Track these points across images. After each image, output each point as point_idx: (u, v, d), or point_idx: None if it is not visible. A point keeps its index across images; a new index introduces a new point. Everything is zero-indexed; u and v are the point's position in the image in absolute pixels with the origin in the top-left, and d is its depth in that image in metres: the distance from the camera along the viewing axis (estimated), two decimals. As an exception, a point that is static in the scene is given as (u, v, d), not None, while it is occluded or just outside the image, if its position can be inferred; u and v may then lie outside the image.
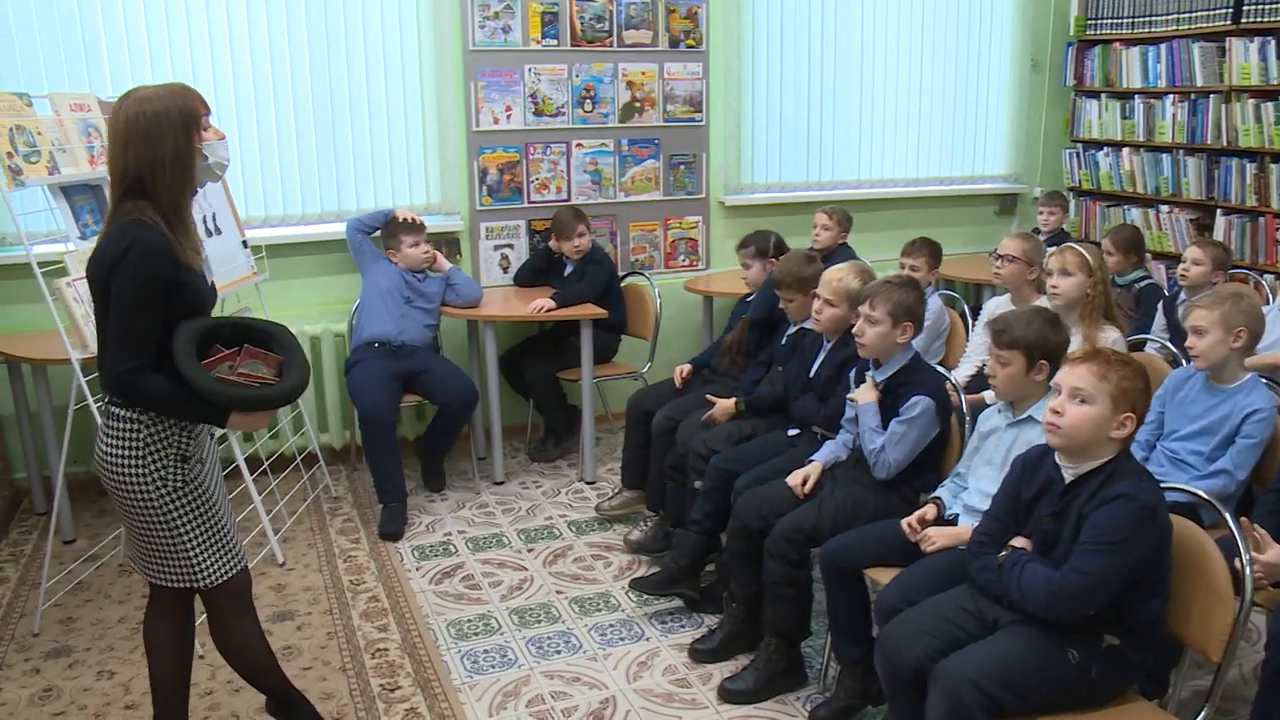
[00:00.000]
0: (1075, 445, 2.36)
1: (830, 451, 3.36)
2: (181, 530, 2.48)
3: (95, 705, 3.14)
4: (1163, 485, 2.59)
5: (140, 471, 2.40)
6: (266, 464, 4.67)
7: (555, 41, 5.23)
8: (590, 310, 4.77)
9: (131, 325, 2.30)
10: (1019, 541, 2.43)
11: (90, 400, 3.40)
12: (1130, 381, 2.32)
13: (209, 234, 4.13)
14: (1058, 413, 2.36)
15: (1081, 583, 2.23)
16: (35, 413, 4.35)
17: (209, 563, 2.54)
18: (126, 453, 2.39)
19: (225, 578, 2.57)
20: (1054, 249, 3.89)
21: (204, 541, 2.52)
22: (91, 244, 3.45)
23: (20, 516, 4.55)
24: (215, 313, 2.57)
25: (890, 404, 3.16)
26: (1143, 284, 4.78)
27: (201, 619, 2.75)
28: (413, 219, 4.80)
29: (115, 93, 4.36)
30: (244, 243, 4.41)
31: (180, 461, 2.45)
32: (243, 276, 4.31)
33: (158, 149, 2.32)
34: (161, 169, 2.33)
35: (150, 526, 2.47)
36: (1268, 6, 5.19)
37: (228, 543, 2.59)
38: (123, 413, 2.39)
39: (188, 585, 2.56)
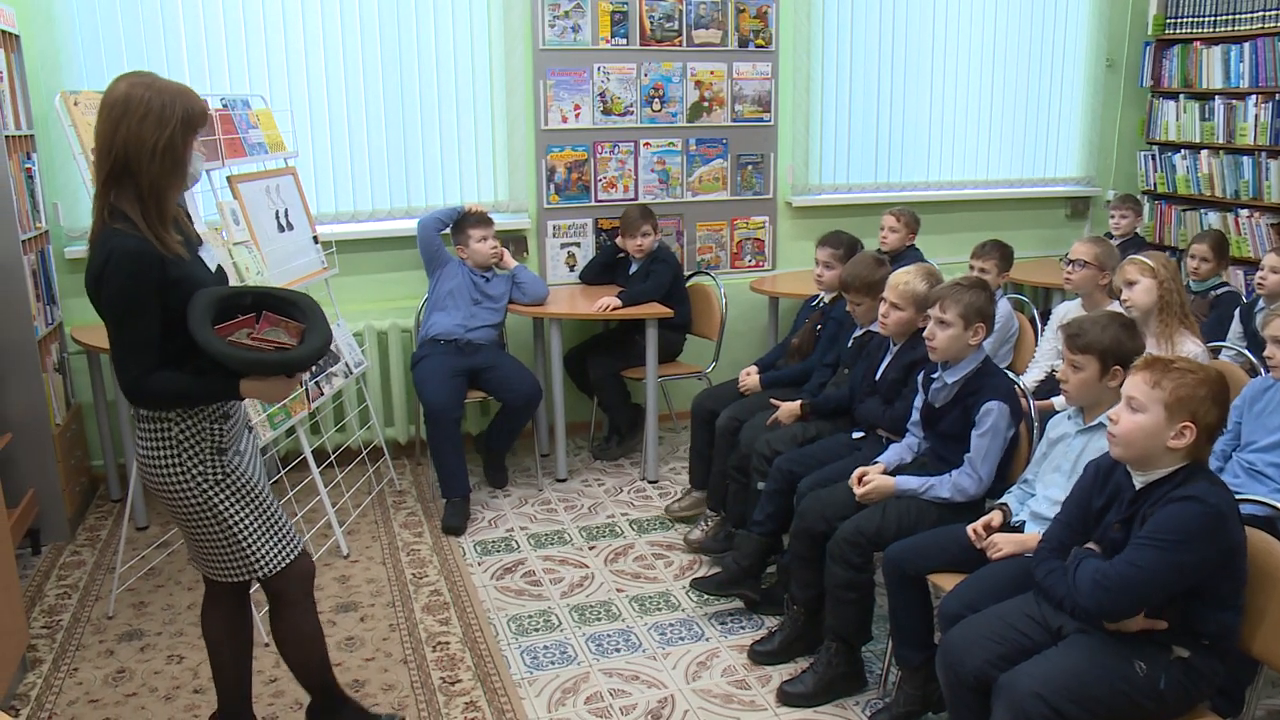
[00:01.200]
0: (1132, 455, 2.31)
1: (895, 454, 3.33)
2: (231, 522, 2.47)
3: (165, 688, 3.22)
4: (1241, 497, 2.52)
5: (179, 470, 2.40)
6: (333, 456, 4.75)
7: (625, 41, 5.24)
8: (655, 309, 4.78)
9: (128, 334, 2.29)
10: (1089, 548, 2.39)
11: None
12: (1188, 389, 2.24)
13: (281, 229, 4.21)
14: (1114, 421, 2.32)
15: (1130, 573, 2.18)
16: (112, 401, 4.47)
17: (265, 550, 2.53)
18: (163, 454, 2.40)
19: (285, 563, 2.57)
20: (1124, 261, 3.81)
21: (257, 530, 2.51)
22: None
23: (96, 503, 4.67)
24: None
25: (961, 411, 3.12)
26: (1220, 291, 4.66)
27: (264, 611, 2.80)
28: (481, 212, 4.83)
29: (213, 90, 4.52)
30: (315, 238, 4.49)
31: (217, 454, 2.44)
32: (313, 271, 4.38)
33: (151, 133, 2.25)
34: (151, 154, 2.25)
35: (201, 523, 2.47)
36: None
37: (281, 528, 2.58)
38: (151, 414, 2.39)
39: (248, 577, 2.55)
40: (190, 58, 4.61)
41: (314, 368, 4.09)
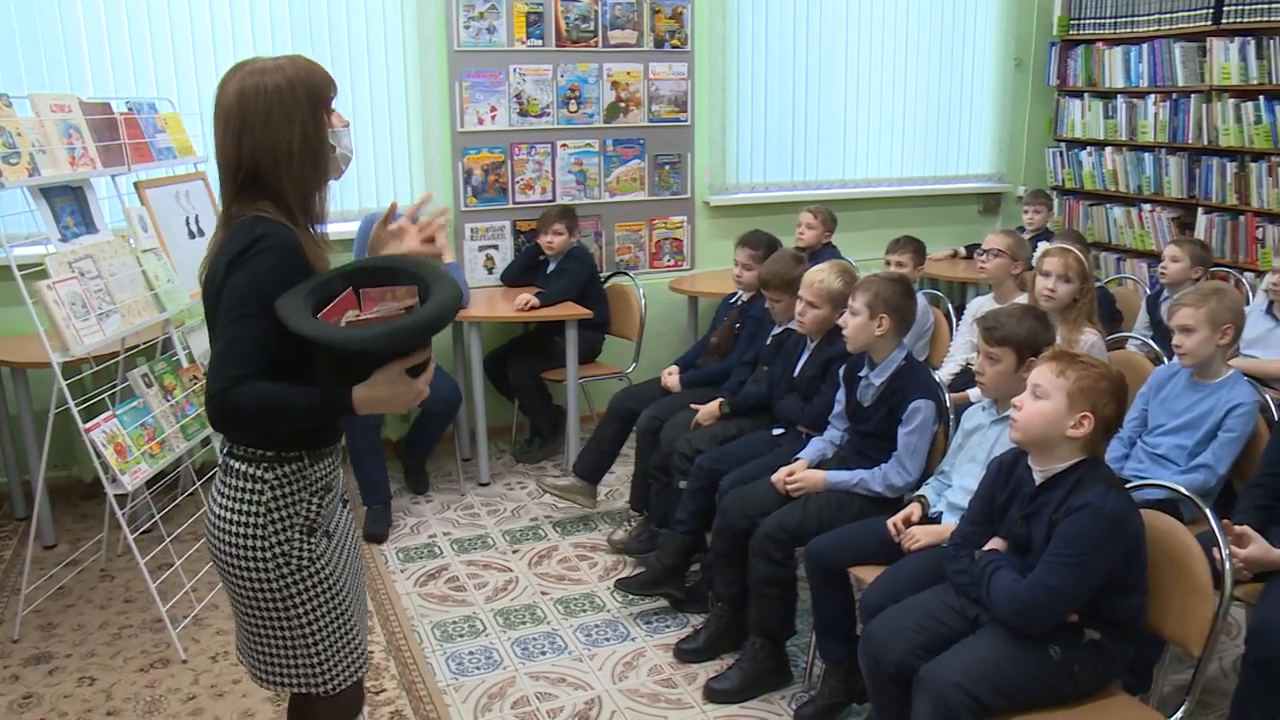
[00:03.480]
0: (1031, 440, 2.38)
1: (816, 450, 3.37)
2: (302, 619, 2.01)
3: (76, 712, 3.12)
4: (1142, 482, 2.61)
5: (257, 544, 1.95)
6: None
7: (540, 42, 5.22)
8: (574, 310, 4.77)
9: (240, 331, 1.83)
10: (994, 543, 2.44)
11: (70, 404, 3.38)
12: (1090, 381, 2.32)
13: (192, 236, 4.11)
14: (1017, 407, 2.38)
15: (1043, 595, 2.24)
16: (15, 416, 4.32)
17: (334, 663, 2.07)
18: (244, 518, 1.95)
19: (346, 684, 2.10)
20: (1050, 246, 3.88)
21: (329, 635, 2.05)
22: (72, 245, 3.46)
23: (0, 522, 4.52)
24: (197, 316, 2.34)
25: (888, 410, 3.17)
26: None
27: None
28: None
29: (96, 93, 4.41)
30: (227, 244, 4.38)
31: (306, 534, 2.00)
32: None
33: (282, 133, 1.87)
34: (288, 158, 1.88)
35: (265, 612, 2.01)
36: (1248, 7, 5.22)
37: (355, 639, 2.11)
38: (243, 468, 1.96)
39: (306, 690, 2.08)
40: (92, 58, 4.48)
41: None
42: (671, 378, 4.25)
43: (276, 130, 1.87)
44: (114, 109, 3.88)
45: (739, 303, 4.31)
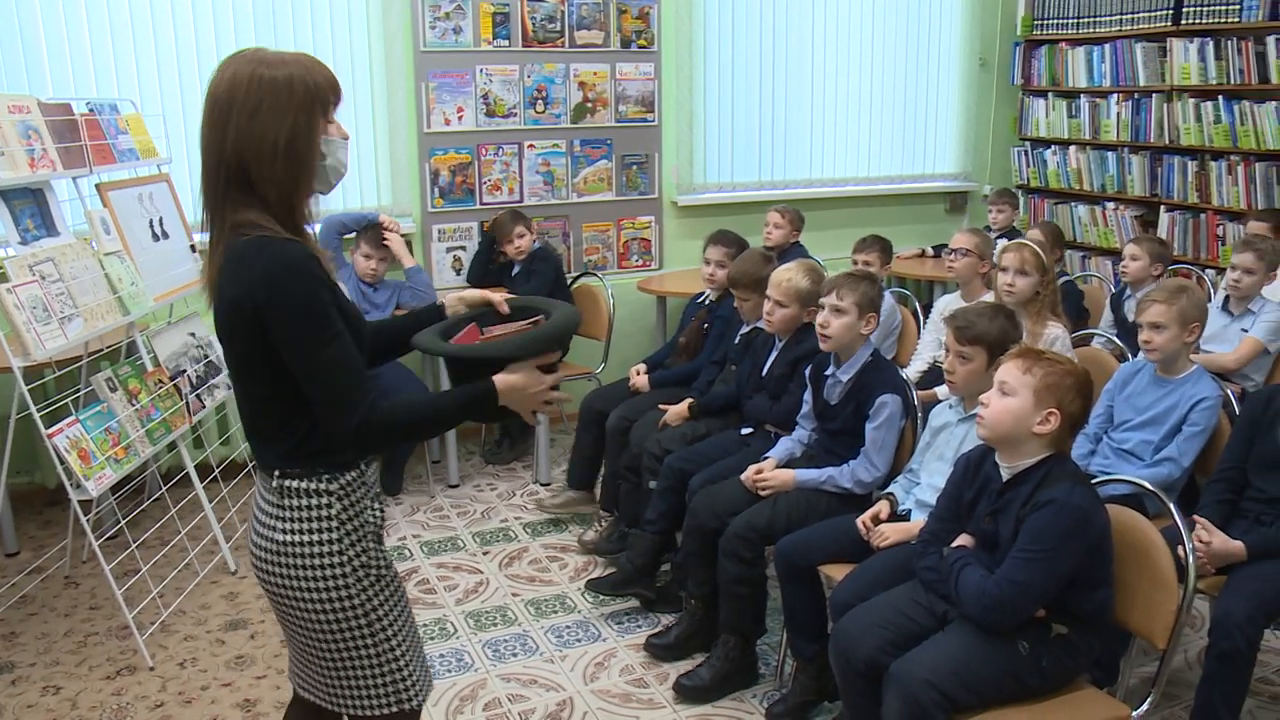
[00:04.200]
0: (998, 437, 2.39)
1: (784, 449, 3.38)
2: (389, 633, 1.91)
3: None
4: (1108, 477, 2.63)
5: (338, 558, 1.84)
6: (218, 471, 4.61)
7: (506, 42, 5.21)
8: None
9: (338, 355, 1.74)
10: (962, 540, 2.46)
11: (32, 409, 3.34)
12: (1056, 378, 2.34)
13: (156, 239, 4.07)
14: (984, 405, 2.40)
15: (1010, 590, 2.25)
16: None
17: (417, 675, 1.97)
18: (318, 535, 1.83)
19: (423, 696, 2.01)
20: (1008, 243, 3.93)
21: (410, 646, 1.97)
22: (32, 248, 3.41)
23: (-37, 528, 4.45)
24: (162, 319, 2.31)
25: (855, 407, 3.18)
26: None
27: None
28: (379, 229, 4.72)
29: (56, 94, 4.35)
30: (192, 247, 4.34)
31: (377, 541, 1.92)
32: (191, 282, 4.23)
33: (269, 129, 1.74)
34: (271, 156, 1.75)
35: (347, 633, 1.89)
36: (1206, 8, 5.29)
37: (421, 647, 2.04)
38: (303, 485, 1.84)
39: (397, 709, 1.96)
40: (52, 59, 4.42)
41: (196, 379, 3.98)
42: (640, 378, 4.25)
43: (264, 124, 1.74)
44: (74, 110, 3.83)
45: (707, 302, 4.32)
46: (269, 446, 1.86)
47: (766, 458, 3.34)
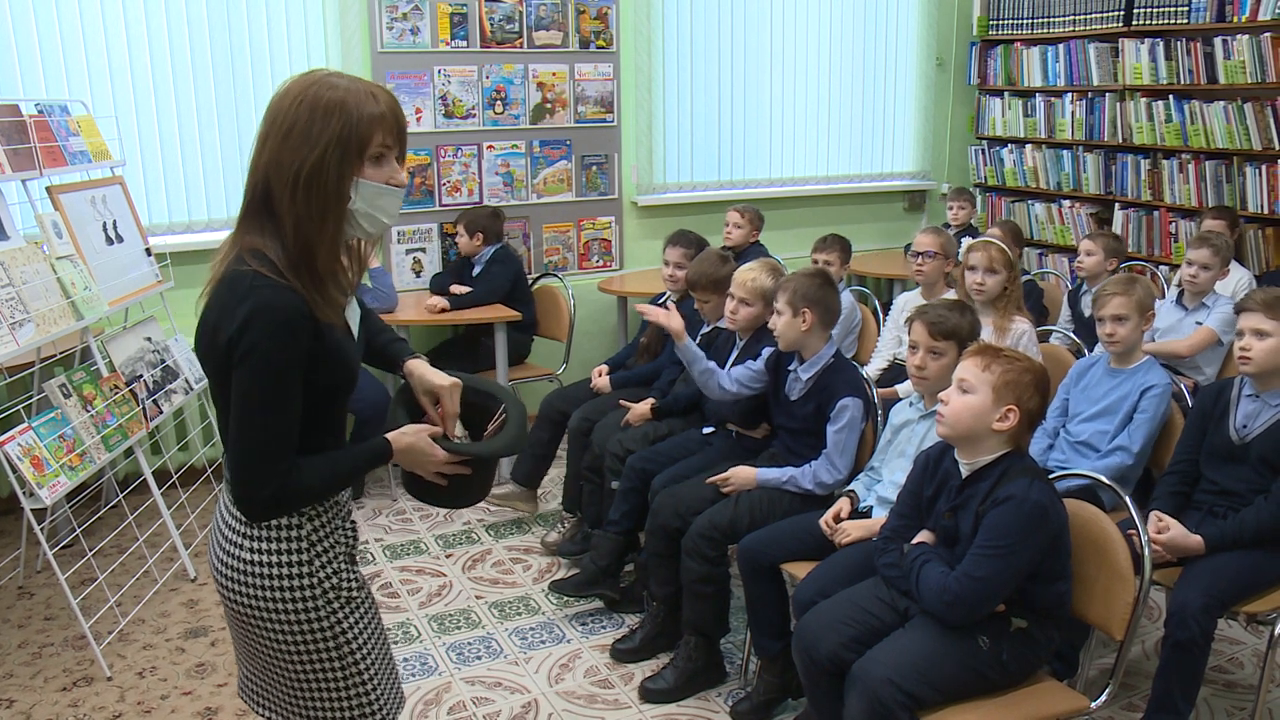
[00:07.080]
0: (957, 434, 2.41)
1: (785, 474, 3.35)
2: (360, 655, 1.87)
3: (-4, 731, 3.04)
4: (1063, 471, 2.66)
5: (306, 580, 1.79)
6: (176, 477, 4.55)
7: (465, 43, 5.19)
8: (502, 312, 4.74)
9: (270, 425, 1.67)
10: (923, 536, 2.48)
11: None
12: (1014, 375, 2.37)
13: (110, 242, 4.02)
14: (944, 402, 2.42)
15: (971, 586, 2.28)
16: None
17: (386, 695, 1.94)
18: (286, 557, 1.77)
19: (393, 717, 1.97)
20: (974, 241, 3.96)
21: (380, 667, 1.93)
22: (5, 247, 3.35)
23: (-87, 539, 4.37)
24: (117, 324, 2.27)
25: (815, 406, 3.19)
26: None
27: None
28: None
29: (4, 95, 4.27)
30: (147, 250, 4.29)
31: (349, 562, 1.88)
32: (147, 285, 4.19)
33: (295, 154, 1.63)
34: (291, 183, 1.64)
35: (318, 656, 1.84)
36: (1156, 10, 5.37)
37: (393, 664, 2.01)
38: None
39: None
40: (21, 60, 4.35)
41: (153, 384, 3.93)
42: (602, 379, 4.25)
43: (292, 149, 1.63)
44: (23, 111, 3.77)
45: (668, 303, 4.32)
46: (243, 490, 1.77)
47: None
